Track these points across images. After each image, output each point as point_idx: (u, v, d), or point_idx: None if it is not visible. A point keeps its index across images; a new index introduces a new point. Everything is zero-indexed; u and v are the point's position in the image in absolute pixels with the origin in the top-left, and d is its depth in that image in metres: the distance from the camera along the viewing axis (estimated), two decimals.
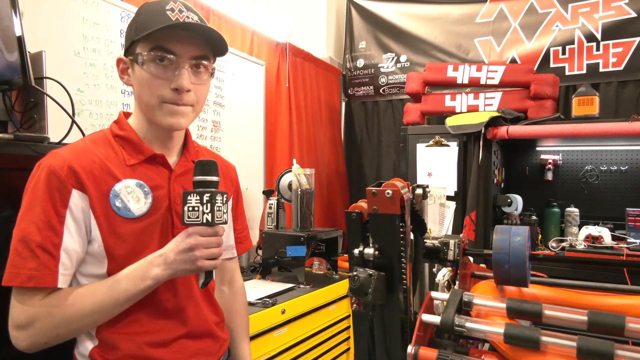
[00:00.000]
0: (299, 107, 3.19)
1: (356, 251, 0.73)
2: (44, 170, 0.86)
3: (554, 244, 2.53)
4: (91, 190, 0.88)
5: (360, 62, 3.76)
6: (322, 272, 2.55)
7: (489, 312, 0.69)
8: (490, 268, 1.03)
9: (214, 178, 0.88)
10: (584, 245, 2.41)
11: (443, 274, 0.90)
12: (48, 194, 0.84)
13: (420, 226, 0.80)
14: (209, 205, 0.85)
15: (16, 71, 1.02)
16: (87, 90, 1.81)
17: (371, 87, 3.72)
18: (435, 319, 0.66)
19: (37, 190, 0.85)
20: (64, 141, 1.17)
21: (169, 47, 0.91)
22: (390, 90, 3.64)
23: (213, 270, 0.91)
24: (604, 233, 2.40)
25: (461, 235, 0.77)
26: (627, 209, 2.51)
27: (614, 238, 2.43)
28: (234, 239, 1.20)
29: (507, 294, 0.78)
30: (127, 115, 1.03)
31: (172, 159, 1.03)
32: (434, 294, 0.72)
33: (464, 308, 0.70)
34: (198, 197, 0.85)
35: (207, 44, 0.97)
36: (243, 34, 2.74)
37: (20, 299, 0.84)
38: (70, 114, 1.16)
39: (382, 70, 3.67)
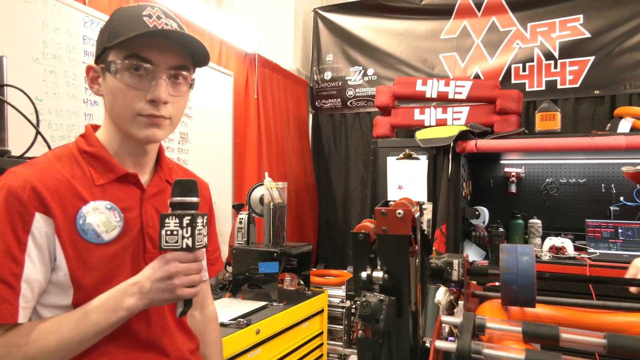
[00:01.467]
0: (268, 118, 3.13)
1: (364, 274, 0.69)
2: (3, 191, 0.77)
3: None
4: (57, 213, 0.79)
5: (328, 75, 3.76)
6: (293, 288, 2.49)
7: (502, 336, 0.67)
8: (480, 284, 1.02)
9: (194, 199, 0.82)
10: (549, 256, 2.48)
11: (442, 294, 0.88)
12: (7, 218, 0.75)
13: (426, 246, 0.77)
14: (189, 229, 0.79)
15: None
16: (47, 99, 1.69)
17: (339, 100, 3.72)
18: (450, 345, 0.63)
19: None
20: (26, 154, 1.07)
21: (145, 55, 0.84)
22: (357, 103, 3.66)
23: (192, 298, 0.84)
24: (567, 244, 2.49)
25: (464, 254, 0.75)
26: (587, 220, 2.62)
27: (575, 249, 2.52)
28: (206, 261, 1.12)
29: (512, 314, 0.77)
30: (95, 128, 0.94)
31: (144, 178, 0.95)
32: (444, 318, 0.69)
33: (477, 332, 0.67)
34: (177, 220, 0.79)
35: (187, 53, 0.90)
36: (211, 43, 2.67)
37: None
38: (35, 124, 1.06)
39: (349, 83, 3.68)
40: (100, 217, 0.83)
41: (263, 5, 3.66)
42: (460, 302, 0.82)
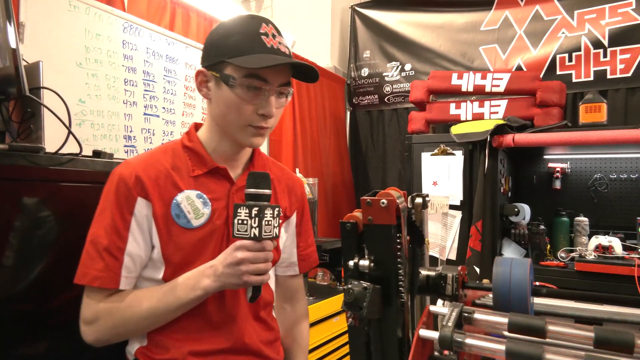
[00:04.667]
0: (304, 116, 3.18)
1: (351, 263, 0.70)
2: (115, 177, 0.91)
3: (563, 255, 2.48)
4: (155, 199, 0.91)
5: (365, 71, 3.75)
6: (326, 283, 2.51)
7: (490, 327, 0.66)
8: None
9: (265, 191, 0.86)
10: (594, 256, 2.35)
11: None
12: (116, 200, 0.90)
13: (417, 237, 0.77)
14: (256, 219, 0.83)
15: (11, 82, 1.01)
16: (89, 101, 1.81)
17: (376, 96, 3.71)
18: (433, 334, 0.63)
19: (108, 197, 0.91)
20: (60, 151, 1.16)
21: (263, 75, 0.91)
22: (395, 99, 3.63)
23: (261, 285, 0.90)
24: (615, 243, 2.35)
25: (459, 268, 0.74)
26: (639, 218, 2.45)
27: (624, 248, 2.37)
28: (296, 256, 1.17)
29: None
30: (197, 126, 1.04)
31: (236, 172, 1.04)
32: (432, 308, 0.69)
33: (465, 323, 0.66)
34: (247, 211, 0.83)
35: (291, 69, 0.97)
36: None
37: (89, 296, 0.90)
38: (67, 124, 1.15)
39: (386, 79, 3.65)
40: (191, 205, 0.94)
41: (301, 5, 3.71)
42: None
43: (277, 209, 0.86)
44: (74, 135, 1.15)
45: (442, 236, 2.59)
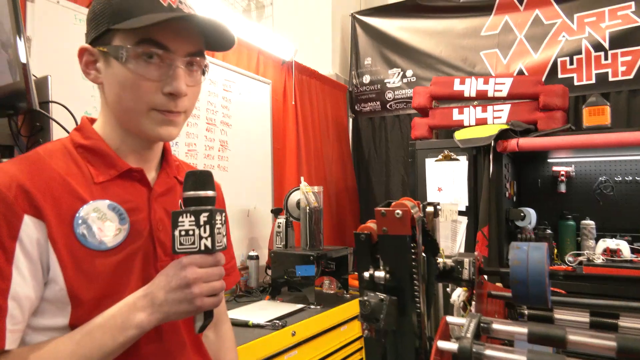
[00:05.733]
0: (306, 124, 3.18)
1: (366, 274, 0.70)
2: None
3: (570, 259, 2.47)
4: (50, 215, 0.67)
5: (367, 78, 3.76)
6: (332, 292, 2.50)
7: (509, 337, 0.66)
8: (506, 287, 0.99)
9: (210, 193, 0.71)
10: (602, 259, 2.34)
11: (458, 295, 0.86)
12: None
13: (432, 246, 0.77)
14: (207, 227, 0.68)
15: (21, 96, 1.02)
16: (95, 113, 1.80)
17: (378, 103, 3.72)
18: (452, 346, 0.63)
19: None
20: None
21: (160, 40, 0.71)
22: (397, 106, 3.63)
23: (213, 310, 0.73)
24: (623, 246, 2.34)
25: (476, 253, 0.74)
26: None
27: (632, 251, 2.36)
28: None
29: None
30: (92, 121, 0.81)
31: (151, 175, 0.83)
32: (449, 318, 0.68)
33: (482, 334, 0.66)
34: (193, 218, 0.68)
35: (202, 36, 0.78)
36: (249, 53, 2.76)
37: None
38: None
39: (388, 85, 3.66)
40: (102, 220, 0.72)
41: (302, 13, 3.74)
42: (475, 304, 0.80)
43: (224, 214, 0.72)
44: None
45: (451, 244, 2.58)
